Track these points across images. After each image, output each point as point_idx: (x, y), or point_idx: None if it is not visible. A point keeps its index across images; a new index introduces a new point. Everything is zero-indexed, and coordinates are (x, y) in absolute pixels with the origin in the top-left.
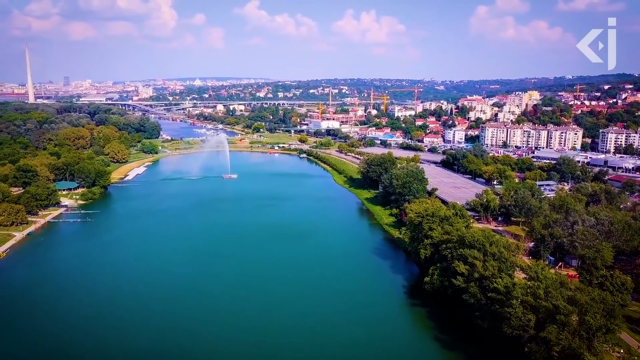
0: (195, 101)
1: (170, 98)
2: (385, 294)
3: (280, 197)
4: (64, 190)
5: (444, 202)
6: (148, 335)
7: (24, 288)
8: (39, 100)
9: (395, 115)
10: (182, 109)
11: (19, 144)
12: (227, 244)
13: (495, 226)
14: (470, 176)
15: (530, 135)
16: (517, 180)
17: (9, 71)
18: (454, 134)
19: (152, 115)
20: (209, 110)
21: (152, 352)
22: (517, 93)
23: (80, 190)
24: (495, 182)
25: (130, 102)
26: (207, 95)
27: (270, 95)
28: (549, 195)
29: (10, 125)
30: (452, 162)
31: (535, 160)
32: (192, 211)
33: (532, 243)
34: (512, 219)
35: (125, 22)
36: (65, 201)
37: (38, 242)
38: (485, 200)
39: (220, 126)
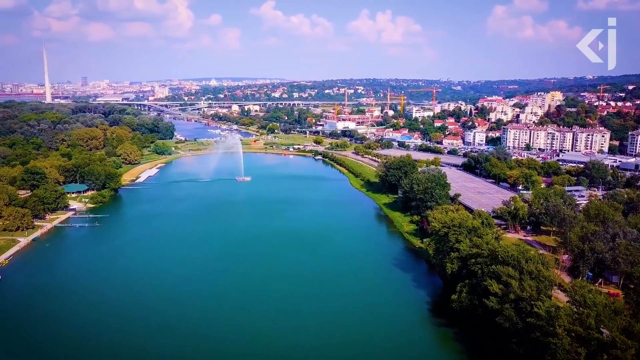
0: (210, 101)
1: (186, 98)
2: (407, 310)
3: (295, 201)
4: (73, 193)
5: (468, 209)
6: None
7: (23, 299)
8: (56, 100)
9: (413, 116)
10: (197, 109)
11: (32, 144)
12: (239, 252)
13: (524, 236)
14: (493, 180)
15: (555, 137)
16: (543, 185)
17: (29, 71)
18: (474, 136)
19: (167, 116)
20: (224, 110)
21: None
22: (539, 93)
23: (90, 193)
24: (520, 187)
25: (145, 102)
26: (222, 96)
27: (285, 96)
28: (579, 202)
29: (24, 125)
30: (474, 166)
31: (561, 163)
32: (204, 216)
33: (566, 256)
34: (542, 228)
35: (142, 23)
36: (74, 204)
37: (42, 249)
38: (513, 208)
39: (235, 127)
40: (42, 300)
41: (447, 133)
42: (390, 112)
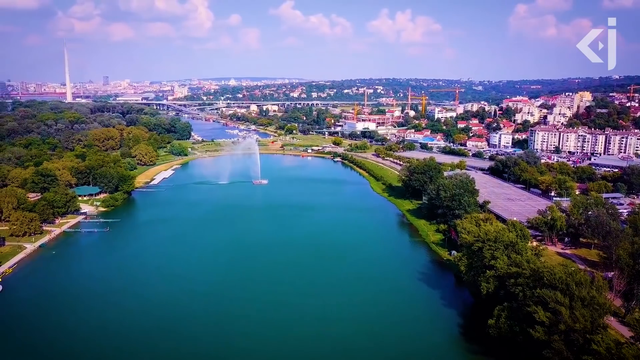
0: (229, 101)
1: (205, 98)
2: (435, 331)
3: (313, 206)
4: (85, 195)
5: (499, 218)
6: None
7: (22, 315)
8: (77, 100)
9: (436, 117)
10: (216, 109)
11: (48, 144)
12: (255, 261)
13: (562, 249)
14: (523, 186)
15: (586, 140)
16: (577, 191)
17: (52, 71)
18: (499, 138)
19: (186, 115)
20: (242, 110)
21: None
22: (567, 94)
23: (102, 195)
24: (553, 194)
25: (164, 101)
26: (241, 95)
27: (304, 96)
28: (620, 211)
29: (41, 125)
30: (501, 170)
31: (595, 168)
32: (219, 221)
33: (612, 273)
34: (581, 240)
35: (163, 23)
36: (85, 208)
37: (48, 257)
38: (550, 218)
39: (253, 127)
40: (43, 315)
41: (471, 135)
42: (412, 113)
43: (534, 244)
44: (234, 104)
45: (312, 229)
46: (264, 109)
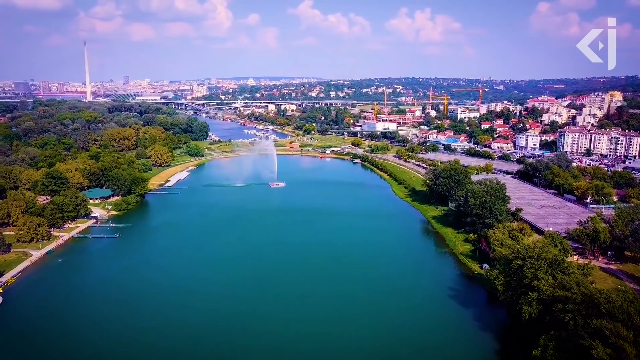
0: (247, 100)
1: (223, 97)
2: (470, 357)
3: (332, 211)
4: (96, 199)
5: (533, 227)
6: None
7: (21, 330)
8: (98, 99)
9: (458, 117)
10: (234, 108)
11: (63, 144)
12: (268, 271)
13: (606, 263)
14: (555, 192)
15: (619, 142)
16: (615, 198)
17: (75, 70)
18: (526, 139)
19: (204, 115)
20: (260, 110)
21: None
22: (596, 93)
23: (114, 198)
24: (589, 201)
25: (183, 100)
26: (259, 95)
27: (322, 95)
28: None
29: (58, 124)
30: (531, 174)
31: (631, 172)
32: (233, 227)
33: None
34: (626, 253)
35: (182, 23)
36: (96, 211)
37: (53, 265)
38: (592, 229)
39: (271, 127)
40: (44, 331)
41: (495, 136)
42: (433, 113)
43: (575, 258)
44: (252, 103)
45: (331, 235)
46: (282, 108)
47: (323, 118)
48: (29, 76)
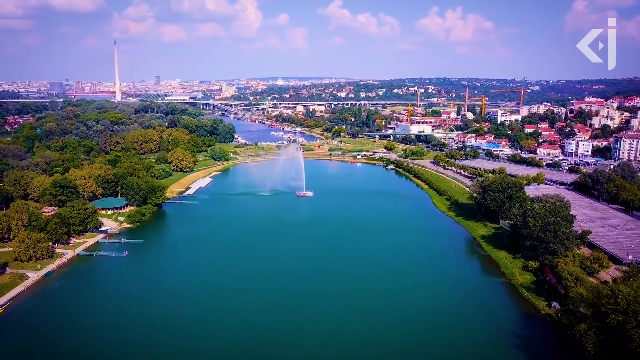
0: (275, 101)
1: (251, 98)
2: None
3: (365, 226)
4: (109, 209)
5: (607, 254)
6: None
7: None
8: (128, 99)
9: (499, 120)
10: (262, 109)
11: (83, 147)
12: (292, 299)
13: None
14: (621, 207)
15: None
16: None
17: (107, 71)
18: (576, 145)
19: (232, 116)
20: (289, 111)
21: None
22: None
23: (129, 209)
24: None
25: (211, 101)
26: (287, 95)
27: (351, 95)
28: None
29: (80, 126)
30: (591, 186)
31: None
32: (256, 242)
33: None
34: None
35: (213, 24)
36: (108, 224)
37: (51, 290)
38: None
39: (299, 129)
40: None
41: (541, 141)
42: (469, 115)
43: None
44: (280, 104)
45: (364, 254)
46: (311, 109)
47: (353, 119)
48: (64, 76)
